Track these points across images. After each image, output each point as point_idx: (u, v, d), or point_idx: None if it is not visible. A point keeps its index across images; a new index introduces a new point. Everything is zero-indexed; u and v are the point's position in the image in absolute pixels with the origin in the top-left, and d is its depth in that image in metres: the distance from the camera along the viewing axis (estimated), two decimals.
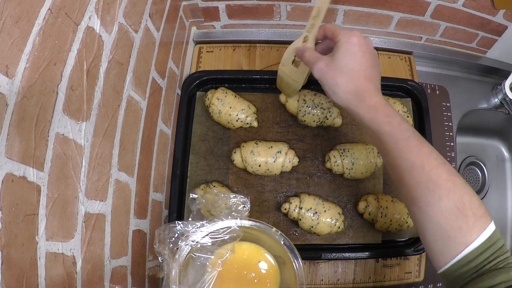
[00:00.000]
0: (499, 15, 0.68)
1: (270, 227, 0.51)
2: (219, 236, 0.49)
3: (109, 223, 0.43)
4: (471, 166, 0.91)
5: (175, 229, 0.48)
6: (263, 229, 0.51)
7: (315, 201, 0.63)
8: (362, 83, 0.46)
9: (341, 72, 0.46)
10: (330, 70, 0.47)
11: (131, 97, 0.48)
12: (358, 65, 0.46)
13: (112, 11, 0.42)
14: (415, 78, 0.76)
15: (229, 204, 0.54)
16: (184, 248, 0.48)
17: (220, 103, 0.66)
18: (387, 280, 0.67)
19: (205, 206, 0.54)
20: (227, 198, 0.54)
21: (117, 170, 0.45)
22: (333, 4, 0.69)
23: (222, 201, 0.55)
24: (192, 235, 0.48)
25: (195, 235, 0.48)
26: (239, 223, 0.50)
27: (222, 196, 0.54)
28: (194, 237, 0.48)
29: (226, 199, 0.54)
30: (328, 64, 0.47)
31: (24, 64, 0.28)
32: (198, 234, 0.49)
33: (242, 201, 0.54)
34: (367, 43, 0.47)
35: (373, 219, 0.64)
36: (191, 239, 0.48)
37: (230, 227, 0.50)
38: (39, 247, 0.31)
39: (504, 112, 0.81)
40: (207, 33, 0.77)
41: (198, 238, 0.49)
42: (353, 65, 0.46)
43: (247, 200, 0.55)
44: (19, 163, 0.28)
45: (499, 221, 0.88)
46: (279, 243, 0.50)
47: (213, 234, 0.49)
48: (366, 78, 0.46)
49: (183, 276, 0.48)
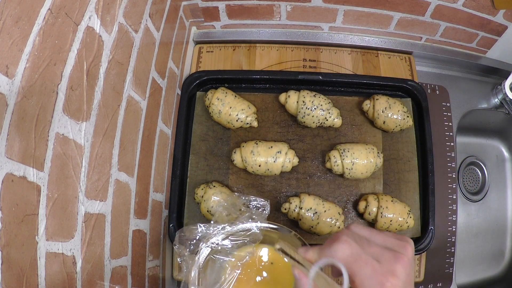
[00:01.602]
0: (499, 15, 0.68)
1: (289, 230, 0.51)
2: (239, 239, 0.50)
3: (109, 223, 0.43)
4: (471, 166, 0.91)
5: (197, 231, 0.48)
6: (282, 232, 0.52)
7: (315, 201, 0.63)
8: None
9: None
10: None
11: (131, 97, 0.48)
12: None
13: (112, 11, 0.42)
14: (415, 78, 0.76)
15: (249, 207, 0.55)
16: (204, 250, 0.48)
17: (220, 103, 0.66)
18: None
19: (226, 209, 0.54)
20: (248, 201, 0.55)
21: (117, 170, 0.45)
22: (333, 4, 0.69)
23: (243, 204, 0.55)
24: (212, 237, 0.49)
25: (215, 238, 0.49)
26: (259, 226, 0.51)
27: (243, 199, 0.55)
28: (214, 239, 0.49)
29: (246, 202, 0.55)
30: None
31: (24, 64, 0.28)
32: (218, 236, 0.49)
33: (262, 204, 0.55)
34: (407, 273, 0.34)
35: (373, 219, 0.64)
36: (211, 241, 0.49)
37: (250, 230, 0.50)
38: (39, 247, 0.31)
39: (504, 112, 0.81)
40: (207, 33, 0.77)
41: (218, 240, 0.49)
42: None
43: (266, 204, 0.55)
44: (19, 163, 0.28)
45: (499, 221, 0.88)
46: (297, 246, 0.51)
47: (233, 236, 0.50)
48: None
49: (202, 278, 0.48)
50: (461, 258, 0.84)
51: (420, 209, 0.68)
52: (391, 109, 0.67)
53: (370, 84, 0.72)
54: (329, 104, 0.67)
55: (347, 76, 0.74)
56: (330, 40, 0.77)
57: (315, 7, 0.70)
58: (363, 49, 0.78)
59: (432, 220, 0.66)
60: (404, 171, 0.70)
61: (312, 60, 0.76)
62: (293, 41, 0.77)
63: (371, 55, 0.78)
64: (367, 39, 0.77)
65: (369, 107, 0.69)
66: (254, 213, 0.53)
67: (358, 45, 0.78)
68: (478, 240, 0.86)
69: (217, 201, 0.55)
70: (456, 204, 0.73)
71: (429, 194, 0.67)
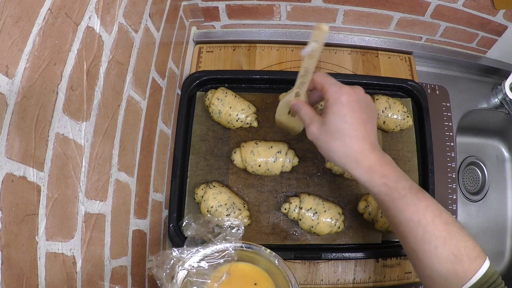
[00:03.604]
0: (499, 15, 0.68)
1: (264, 249, 0.52)
2: (215, 260, 0.50)
3: (109, 223, 0.43)
4: (471, 166, 0.91)
5: (171, 256, 0.49)
6: (257, 251, 0.52)
7: (315, 201, 0.63)
8: (355, 145, 0.45)
9: (332, 136, 0.46)
10: (322, 134, 0.47)
11: (131, 97, 0.48)
12: (349, 127, 0.45)
13: (112, 11, 0.42)
14: (415, 78, 0.76)
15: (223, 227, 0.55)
16: (180, 273, 0.49)
17: (220, 103, 0.66)
18: (387, 280, 0.67)
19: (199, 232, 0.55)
20: (221, 221, 0.55)
21: (117, 170, 0.45)
22: (333, 4, 0.69)
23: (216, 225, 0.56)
24: (188, 260, 0.49)
25: (191, 260, 0.49)
26: (234, 246, 0.51)
27: (216, 220, 0.55)
28: (191, 262, 0.50)
29: (220, 222, 0.55)
30: (319, 128, 0.47)
31: (24, 64, 0.28)
32: (194, 258, 0.50)
33: (236, 224, 0.55)
34: (358, 99, 0.46)
35: (373, 219, 0.64)
36: (187, 264, 0.49)
37: (225, 250, 0.51)
38: (39, 247, 0.31)
39: (504, 112, 0.81)
40: (207, 33, 0.77)
41: (194, 262, 0.50)
42: (344, 128, 0.45)
43: (240, 223, 0.56)
44: (19, 163, 0.28)
45: (499, 221, 0.88)
46: (274, 264, 0.51)
47: (208, 258, 0.50)
48: (359, 139, 0.45)
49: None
50: None
51: None
52: (391, 109, 0.67)
53: (370, 84, 0.72)
54: None
55: (347, 76, 0.74)
56: (330, 40, 0.77)
57: (315, 7, 0.70)
58: (363, 49, 0.78)
59: None
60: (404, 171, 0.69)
61: None
62: (293, 41, 0.77)
63: (371, 55, 0.78)
64: (367, 39, 0.77)
65: None
66: (228, 233, 0.53)
67: (358, 45, 0.78)
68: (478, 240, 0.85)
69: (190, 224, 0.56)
70: (456, 204, 0.73)
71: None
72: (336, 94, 0.46)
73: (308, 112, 0.50)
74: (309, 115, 0.49)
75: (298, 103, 0.51)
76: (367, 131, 0.46)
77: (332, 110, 0.46)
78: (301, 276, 0.66)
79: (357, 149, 0.45)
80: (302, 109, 0.50)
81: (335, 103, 0.46)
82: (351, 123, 0.45)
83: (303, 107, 0.50)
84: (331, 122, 0.46)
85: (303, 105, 0.51)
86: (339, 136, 0.45)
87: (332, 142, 0.46)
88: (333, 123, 0.45)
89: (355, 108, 0.46)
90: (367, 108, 0.48)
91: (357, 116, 0.45)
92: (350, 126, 0.45)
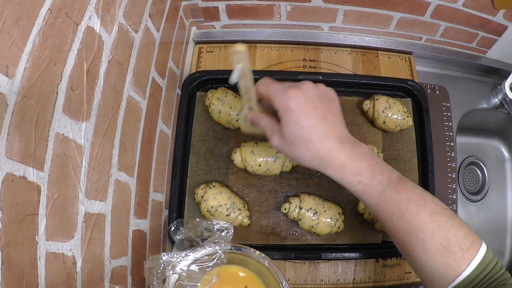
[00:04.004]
0: (499, 15, 0.68)
1: (254, 251, 0.52)
2: (205, 263, 0.50)
3: (109, 223, 0.43)
4: (471, 166, 0.91)
5: (161, 261, 0.48)
6: (246, 253, 0.52)
7: (315, 201, 0.63)
8: (320, 147, 0.43)
9: (294, 145, 0.43)
10: (284, 145, 0.45)
11: (131, 97, 0.48)
12: (308, 131, 0.42)
13: (112, 11, 0.42)
14: (415, 78, 0.76)
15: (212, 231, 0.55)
16: (171, 277, 0.49)
17: (220, 103, 0.66)
18: (387, 280, 0.67)
19: (188, 236, 0.55)
20: (210, 225, 0.55)
21: (117, 170, 0.45)
22: (333, 4, 0.69)
23: (205, 228, 0.56)
24: (178, 264, 0.49)
25: (181, 264, 0.49)
26: (223, 249, 0.51)
27: (205, 224, 0.55)
28: (181, 265, 0.50)
29: (209, 225, 0.55)
30: (280, 139, 0.45)
31: (24, 64, 0.28)
32: (184, 262, 0.50)
33: (226, 227, 0.55)
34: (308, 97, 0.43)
35: (373, 219, 0.64)
36: (178, 268, 0.49)
37: (215, 253, 0.51)
38: (39, 247, 0.31)
39: (504, 112, 0.81)
40: (207, 33, 0.77)
41: (184, 266, 0.50)
42: (302, 134, 0.42)
43: (230, 226, 0.56)
44: (19, 163, 0.28)
45: (499, 221, 0.88)
46: (264, 265, 0.51)
47: (199, 261, 0.50)
48: (322, 139, 0.43)
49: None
50: None
51: None
52: (391, 109, 0.67)
53: (370, 84, 0.72)
54: None
55: (347, 76, 0.74)
56: (330, 40, 0.77)
57: (315, 7, 0.70)
58: (363, 49, 0.78)
59: None
60: (404, 171, 0.70)
61: (312, 60, 0.76)
62: (293, 41, 0.77)
63: (371, 55, 0.78)
64: (367, 39, 0.77)
65: (369, 107, 0.69)
66: (217, 236, 0.53)
67: (358, 45, 0.78)
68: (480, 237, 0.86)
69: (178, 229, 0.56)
70: (456, 204, 0.73)
71: None
72: (283, 101, 0.43)
73: (267, 123, 0.47)
74: (268, 127, 0.47)
75: (254, 116, 0.49)
76: (329, 126, 0.43)
77: (285, 119, 0.43)
78: (301, 276, 0.66)
79: (324, 150, 0.43)
80: (260, 122, 0.48)
81: (285, 111, 0.43)
82: (308, 126, 0.42)
83: (261, 119, 0.48)
84: (288, 132, 0.43)
85: (260, 117, 0.48)
86: (300, 143, 0.43)
87: (296, 150, 0.44)
88: (290, 132, 0.43)
89: (308, 108, 0.42)
90: (322, 100, 0.44)
91: (313, 115, 0.42)
92: (308, 129, 0.42)
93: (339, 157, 0.43)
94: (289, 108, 0.42)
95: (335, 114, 0.45)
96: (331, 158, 0.43)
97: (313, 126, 0.42)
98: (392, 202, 0.42)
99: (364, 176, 0.43)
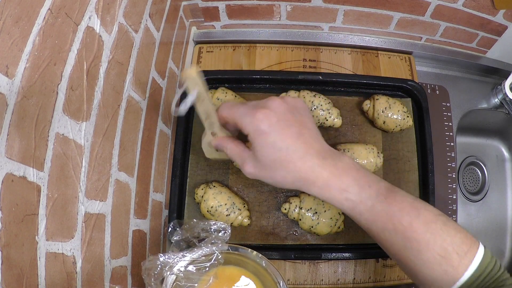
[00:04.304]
0: (499, 15, 0.68)
1: (251, 251, 0.52)
2: (202, 264, 0.50)
3: (109, 223, 0.43)
4: (471, 166, 0.91)
5: (158, 261, 0.48)
6: (244, 253, 0.52)
7: (315, 201, 0.63)
8: (301, 167, 0.40)
9: (272, 169, 0.40)
10: (261, 171, 0.42)
11: (131, 97, 0.48)
12: (286, 152, 0.39)
13: (112, 11, 0.42)
14: (415, 78, 0.76)
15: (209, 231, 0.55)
16: (169, 278, 0.49)
17: (220, 103, 0.66)
18: (387, 280, 0.67)
19: (185, 237, 0.55)
20: (207, 225, 0.55)
21: (117, 170, 0.45)
22: (333, 4, 0.69)
23: (202, 229, 0.56)
24: (175, 264, 0.49)
25: (179, 265, 0.49)
26: (220, 249, 0.51)
27: (202, 224, 0.55)
28: (178, 266, 0.50)
29: (206, 226, 0.55)
30: (255, 165, 0.42)
31: (24, 64, 0.28)
32: (181, 263, 0.50)
33: (223, 227, 0.55)
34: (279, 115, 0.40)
35: None
36: (175, 268, 0.49)
37: (212, 253, 0.51)
38: (39, 247, 0.31)
39: (504, 112, 0.81)
40: (207, 33, 0.77)
41: (182, 267, 0.50)
42: (280, 156, 0.39)
43: (227, 226, 0.56)
44: (19, 163, 0.28)
45: (499, 221, 0.88)
46: (261, 266, 0.51)
47: (196, 262, 0.50)
48: (302, 158, 0.40)
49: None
50: None
51: None
52: (391, 109, 0.67)
53: (370, 84, 0.72)
54: (329, 104, 0.67)
55: (347, 76, 0.74)
56: (330, 40, 0.77)
57: (315, 7, 0.70)
58: (363, 49, 0.78)
59: None
60: (404, 171, 0.70)
61: (312, 60, 0.76)
62: (293, 41, 0.77)
63: (371, 55, 0.78)
64: (367, 39, 0.78)
65: (369, 107, 0.69)
66: (214, 236, 0.53)
67: (358, 45, 0.78)
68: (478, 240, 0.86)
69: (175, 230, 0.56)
70: (456, 204, 0.73)
71: (429, 194, 0.67)
72: (253, 125, 0.40)
73: (235, 150, 0.44)
74: (237, 154, 0.44)
75: (219, 142, 0.46)
76: (306, 143, 0.40)
77: (258, 143, 0.40)
78: (301, 276, 0.66)
79: (306, 169, 0.40)
80: (227, 148, 0.45)
81: (257, 135, 0.40)
82: (286, 146, 0.39)
83: (227, 145, 0.45)
84: (263, 156, 0.40)
85: (226, 143, 0.45)
86: (279, 166, 0.40)
87: (276, 174, 0.41)
88: (266, 156, 0.40)
89: (282, 127, 0.39)
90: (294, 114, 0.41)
91: (288, 134, 0.39)
92: (286, 150, 0.39)
93: (322, 175, 0.40)
94: (262, 131, 0.39)
95: (310, 127, 0.43)
96: (314, 176, 0.40)
97: (291, 146, 0.39)
98: (384, 216, 0.40)
99: (351, 192, 0.40)
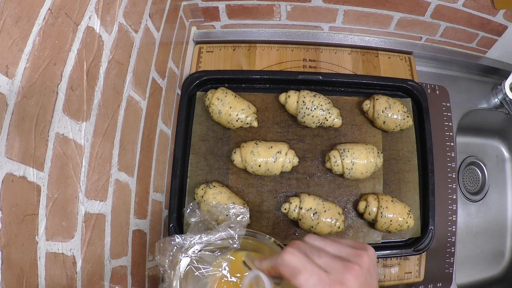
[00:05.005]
0: (499, 15, 0.68)
1: (268, 237, 0.51)
2: (217, 248, 0.50)
3: (109, 223, 0.43)
4: (471, 166, 0.91)
5: (174, 242, 0.48)
6: (261, 239, 0.51)
7: (315, 201, 0.63)
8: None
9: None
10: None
11: (131, 97, 0.48)
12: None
13: (112, 11, 0.42)
14: (415, 78, 0.76)
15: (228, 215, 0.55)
16: (183, 260, 0.48)
17: (220, 103, 0.66)
18: (387, 280, 0.67)
19: (203, 219, 0.54)
20: (226, 209, 0.55)
21: (117, 170, 0.45)
22: (333, 4, 0.69)
23: (221, 212, 0.55)
24: (191, 247, 0.49)
25: (194, 247, 0.49)
26: (236, 233, 0.51)
27: (221, 208, 0.55)
28: (193, 249, 0.49)
29: (225, 210, 0.55)
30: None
31: (24, 64, 0.28)
32: (197, 246, 0.49)
33: (242, 212, 0.54)
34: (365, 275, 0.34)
35: (373, 219, 0.64)
36: (190, 251, 0.49)
37: (229, 237, 0.51)
38: (39, 247, 0.31)
39: (504, 112, 0.81)
40: (207, 33, 0.77)
41: (197, 250, 0.49)
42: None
43: (246, 211, 0.55)
44: (19, 163, 0.28)
45: (499, 221, 0.88)
46: (276, 251, 0.51)
47: (211, 245, 0.50)
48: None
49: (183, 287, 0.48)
50: (461, 258, 0.84)
51: (420, 209, 0.69)
52: (391, 109, 0.67)
53: (370, 84, 0.72)
54: (329, 104, 0.67)
55: (347, 76, 0.74)
56: (330, 40, 0.77)
57: (315, 7, 0.70)
58: (363, 49, 0.78)
59: (432, 220, 0.66)
60: (404, 171, 0.70)
61: (312, 60, 0.77)
62: (293, 41, 0.77)
63: (371, 55, 0.78)
64: (367, 39, 0.78)
65: (369, 107, 0.69)
66: (232, 221, 0.53)
67: (358, 45, 0.78)
68: (478, 240, 0.86)
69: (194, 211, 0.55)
70: (456, 204, 0.73)
71: (429, 194, 0.67)
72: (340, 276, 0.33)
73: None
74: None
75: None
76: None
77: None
78: None
79: None
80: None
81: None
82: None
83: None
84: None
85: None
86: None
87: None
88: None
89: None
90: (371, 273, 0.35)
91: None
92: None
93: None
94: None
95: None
96: None
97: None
98: None
99: None
